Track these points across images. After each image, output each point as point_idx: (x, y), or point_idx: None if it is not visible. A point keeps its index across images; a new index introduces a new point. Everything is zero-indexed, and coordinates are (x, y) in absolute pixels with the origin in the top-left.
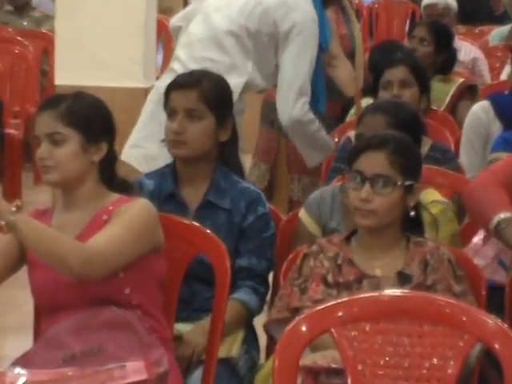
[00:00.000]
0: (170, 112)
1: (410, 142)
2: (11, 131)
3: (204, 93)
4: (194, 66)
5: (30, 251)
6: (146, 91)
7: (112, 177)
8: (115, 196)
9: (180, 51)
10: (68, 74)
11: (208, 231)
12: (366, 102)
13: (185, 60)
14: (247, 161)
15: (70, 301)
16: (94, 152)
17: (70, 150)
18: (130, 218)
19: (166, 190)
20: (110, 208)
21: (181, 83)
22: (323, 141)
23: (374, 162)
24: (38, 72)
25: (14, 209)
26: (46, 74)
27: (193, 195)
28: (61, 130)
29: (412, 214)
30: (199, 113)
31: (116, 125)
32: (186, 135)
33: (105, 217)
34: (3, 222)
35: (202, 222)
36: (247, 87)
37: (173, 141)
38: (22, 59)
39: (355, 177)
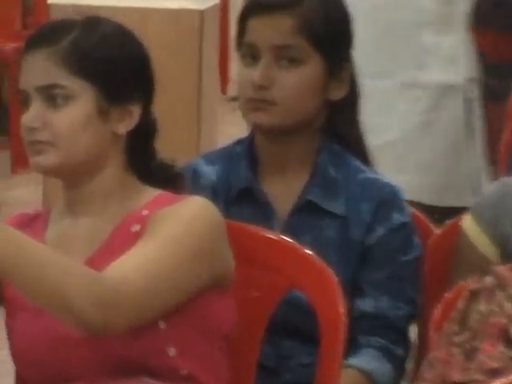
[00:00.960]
0: (249, 52)
1: None
2: None
3: (306, 19)
4: None
5: (8, 286)
6: (201, 15)
7: (148, 161)
8: (153, 192)
9: None
10: None
11: (308, 252)
12: None
13: None
14: None
15: (77, 369)
16: (118, 118)
17: (78, 114)
18: (177, 230)
19: (237, 182)
20: (145, 213)
21: (266, 4)
22: None
23: None
24: None
25: None
26: None
27: (283, 191)
28: (63, 82)
29: None
30: (298, 53)
31: (154, 72)
32: (274, 90)
33: (136, 227)
34: None
35: (297, 237)
36: None
37: (252, 100)
38: None
39: None
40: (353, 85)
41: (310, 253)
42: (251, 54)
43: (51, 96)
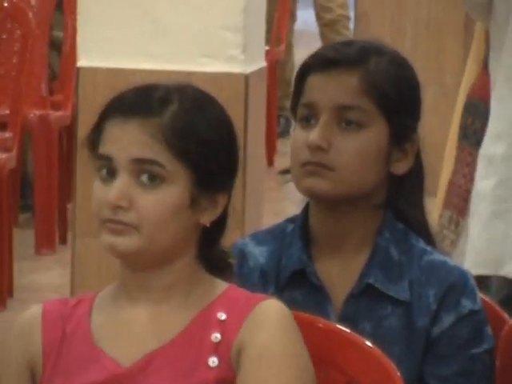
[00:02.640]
0: (306, 112)
1: None
2: None
3: (374, 78)
4: None
5: None
6: (246, 80)
7: (218, 251)
8: (220, 285)
9: None
10: (104, 47)
11: (369, 344)
12: None
13: None
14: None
15: None
16: (205, 207)
17: (171, 200)
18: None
19: (289, 264)
20: (222, 317)
21: (330, 59)
22: None
23: None
24: (44, 44)
25: None
26: (60, 46)
27: (339, 274)
28: (163, 160)
29: None
30: (361, 115)
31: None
32: (332, 154)
33: (216, 336)
34: None
35: (355, 325)
36: None
37: (308, 164)
38: (15, 18)
39: None
40: (418, 161)
41: (371, 345)
42: (308, 116)
43: (144, 173)
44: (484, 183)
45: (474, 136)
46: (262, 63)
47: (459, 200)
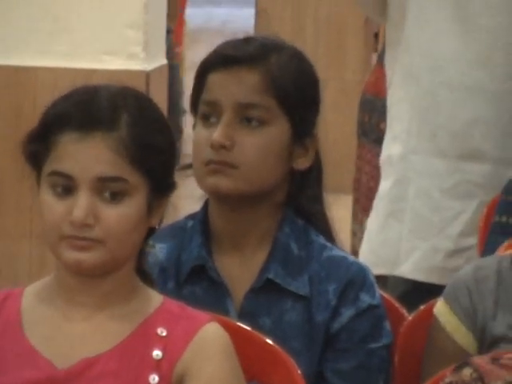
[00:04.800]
0: (208, 110)
1: None
2: None
3: (274, 75)
4: None
5: None
6: (147, 77)
7: (145, 256)
8: (155, 295)
9: None
10: (4, 45)
11: (268, 341)
12: None
13: None
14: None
15: None
16: (156, 212)
17: (133, 213)
18: None
19: (189, 259)
20: (163, 333)
21: (230, 57)
22: None
23: None
24: None
25: None
26: None
27: (239, 270)
28: (127, 176)
29: None
30: (263, 112)
31: None
32: (235, 152)
33: (157, 353)
34: None
35: (255, 320)
36: None
37: (211, 162)
38: None
39: None
40: (317, 157)
41: (271, 343)
42: (210, 113)
43: (108, 189)
44: (383, 184)
45: (371, 133)
46: (163, 60)
47: (362, 198)
